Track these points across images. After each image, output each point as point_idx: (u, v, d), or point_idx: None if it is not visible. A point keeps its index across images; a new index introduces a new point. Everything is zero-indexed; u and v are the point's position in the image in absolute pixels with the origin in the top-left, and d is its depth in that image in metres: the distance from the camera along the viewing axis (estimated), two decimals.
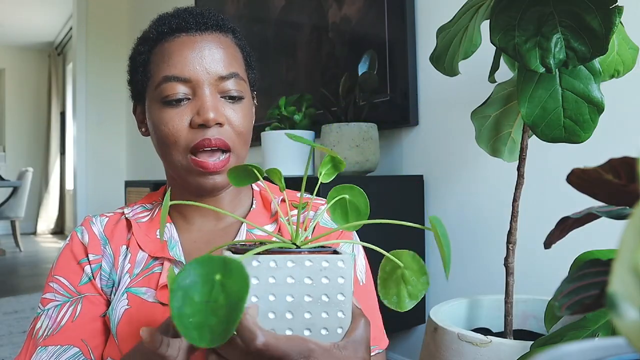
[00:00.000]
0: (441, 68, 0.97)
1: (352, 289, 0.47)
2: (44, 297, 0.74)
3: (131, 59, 0.77)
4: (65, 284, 0.74)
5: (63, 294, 0.73)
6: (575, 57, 0.72)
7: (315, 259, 0.46)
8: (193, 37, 0.71)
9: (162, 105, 0.71)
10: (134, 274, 0.73)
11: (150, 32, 0.75)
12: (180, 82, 0.69)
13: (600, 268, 0.34)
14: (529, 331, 1.05)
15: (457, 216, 1.49)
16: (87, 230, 0.77)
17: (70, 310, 0.72)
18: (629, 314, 0.16)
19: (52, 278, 0.75)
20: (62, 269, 0.75)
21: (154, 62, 0.73)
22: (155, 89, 0.71)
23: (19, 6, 5.76)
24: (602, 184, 0.31)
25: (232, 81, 0.72)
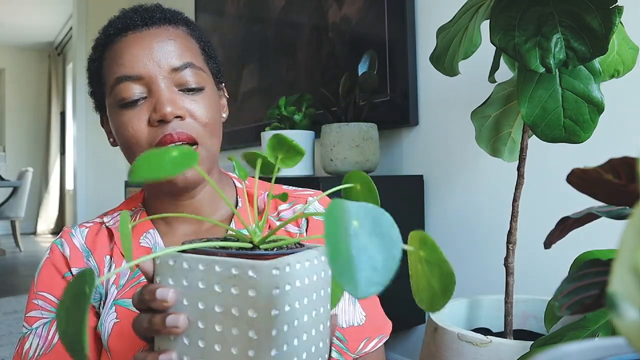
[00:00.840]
0: (441, 68, 0.97)
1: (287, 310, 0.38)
2: (29, 316, 0.70)
3: (87, 69, 0.75)
4: (52, 299, 0.70)
5: (50, 310, 0.70)
6: (575, 57, 0.72)
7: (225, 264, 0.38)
8: (140, 33, 0.69)
9: (120, 109, 0.68)
10: (120, 285, 0.70)
11: (100, 37, 0.72)
12: (132, 80, 0.67)
13: (600, 268, 0.34)
14: (529, 331, 1.05)
15: (457, 216, 1.49)
16: (68, 243, 0.73)
17: None
18: (629, 314, 0.16)
19: (35, 295, 0.71)
20: (45, 284, 0.71)
21: (106, 67, 0.70)
22: (111, 94, 0.69)
23: (19, 6, 5.76)
24: (602, 184, 0.32)
25: (188, 71, 0.68)
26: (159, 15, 0.71)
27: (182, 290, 0.40)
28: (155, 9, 0.72)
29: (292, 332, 0.39)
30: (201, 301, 0.40)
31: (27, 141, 7.46)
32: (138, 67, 0.66)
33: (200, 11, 2.85)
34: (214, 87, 0.74)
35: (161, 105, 0.65)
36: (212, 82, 0.74)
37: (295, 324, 0.39)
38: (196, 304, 0.40)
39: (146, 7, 0.72)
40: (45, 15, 6.14)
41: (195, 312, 0.40)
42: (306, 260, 0.40)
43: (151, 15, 0.70)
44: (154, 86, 0.67)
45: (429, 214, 1.56)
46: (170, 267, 0.41)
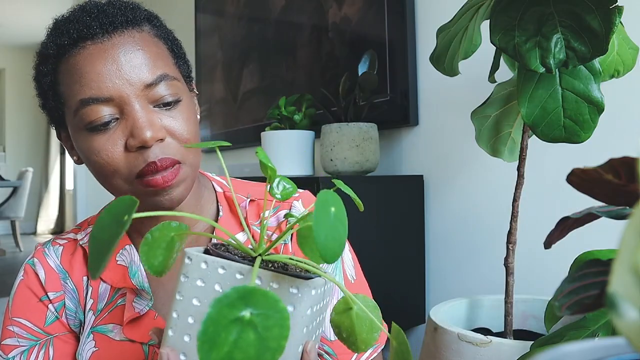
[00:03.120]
0: (441, 68, 0.97)
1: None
2: (4, 344, 0.66)
3: (36, 80, 0.65)
4: (29, 326, 0.66)
5: (28, 337, 0.65)
6: (575, 57, 0.72)
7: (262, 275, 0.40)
8: (101, 44, 0.59)
9: (88, 133, 0.60)
10: (98, 310, 0.66)
11: (49, 47, 0.62)
12: (101, 103, 0.58)
13: (600, 268, 0.34)
14: (529, 331, 1.05)
15: (457, 216, 1.49)
16: (42, 264, 0.68)
17: (42, 354, 0.64)
18: (629, 314, 0.16)
19: (10, 321, 0.66)
20: (20, 309, 0.66)
21: (64, 84, 0.61)
22: (75, 116, 0.60)
23: (19, 6, 5.76)
24: (602, 184, 0.32)
25: (162, 85, 0.61)
26: (120, 18, 0.61)
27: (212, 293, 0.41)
28: (113, 10, 0.62)
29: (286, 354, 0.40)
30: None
31: (27, 141, 7.47)
32: (106, 88, 0.58)
33: (200, 11, 2.85)
34: (188, 93, 0.67)
35: (139, 130, 0.58)
36: (186, 87, 0.67)
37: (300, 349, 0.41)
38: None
39: (101, 8, 0.62)
40: (45, 15, 6.13)
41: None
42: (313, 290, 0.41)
43: (111, 20, 0.61)
44: (127, 107, 0.59)
45: (429, 214, 1.56)
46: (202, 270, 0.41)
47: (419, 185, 1.55)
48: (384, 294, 1.48)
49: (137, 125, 0.58)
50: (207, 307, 0.39)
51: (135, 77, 0.59)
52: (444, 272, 1.53)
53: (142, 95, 0.60)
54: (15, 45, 7.28)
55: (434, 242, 1.56)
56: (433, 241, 1.56)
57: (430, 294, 1.56)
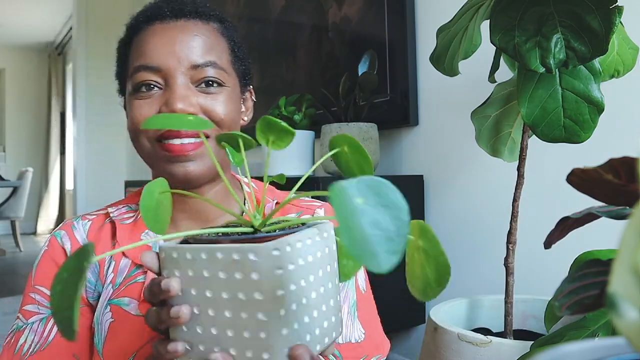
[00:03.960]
0: (441, 68, 0.97)
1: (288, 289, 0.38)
2: (25, 309, 0.69)
3: (117, 50, 0.75)
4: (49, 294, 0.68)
5: (47, 306, 0.68)
6: (575, 57, 0.72)
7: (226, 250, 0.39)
8: (167, 24, 0.67)
9: (134, 95, 0.67)
10: (116, 284, 0.68)
11: (131, 22, 0.72)
12: (150, 71, 0.66)
13: (600, 268, 0.34)
14: (529, 331, 1.05)
15: (457, 216, 1.49)
16: (69, 236, 0.71)
17: None
18: (629, 314, 0.16)
19: (32, 288, 0.69)
20: (43, 278, 0.69)
21: (131, 54, 0.70)
22: (129, 80, 0.68)
23: (19, 6, 5.76)
24: (602, 184, 0.32)
25: (209, 70, 0.67)
26: (189, 8, 0.69)
27: (189, 280, 0.41)
28: (188, 2, 0.70)
29: (301, 310, 0.39)
30: (208, 289, 0.40)
31: (27, 141, 7.46)
32: (158, 59, 0.65)
33: None
34: (236, 89, 0.72)
35: (173, 100, 0.64)
36: (236, 83, 0.72)
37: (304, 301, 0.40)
38: (204, 293, 0.40)
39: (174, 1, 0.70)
40: (45, 15, 6.13)
41: (204, 300, 0.41)
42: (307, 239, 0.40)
43: (181, 8, 0.69)
44: (171, 80, 0.65)
45: (429, 214, 1.56)
46: (174, 260, 0.42)
47: (419, 185, 1.55)
48: (384, 294, 1.48)
49: (173, 97, 0.64)
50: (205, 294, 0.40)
51: (185, 56, 0.65)
52: None
53: (187, 73, 0.66)
54: (15, 45, 7.28)
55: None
56: None
57: None
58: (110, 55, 3.70)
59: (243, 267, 0.38)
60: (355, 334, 0.71)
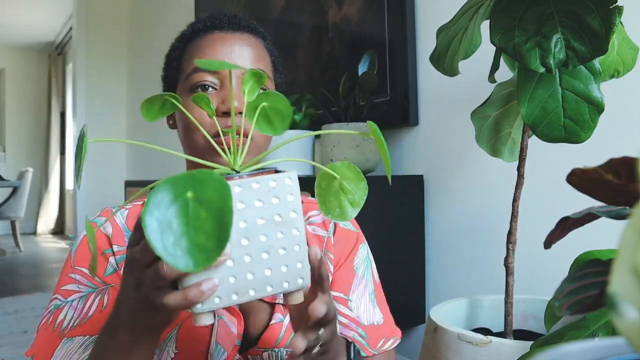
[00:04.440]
0: (441, 68, 0.97)
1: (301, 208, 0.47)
2: (64, 289, 0.72)
3: (167, 56, 0.81)
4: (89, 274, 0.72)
5: (87, 284, 0.72)
6: (575, 57, 0.72)
7: (262, 180, 0.45)
8: (225, 34, 0.76)
9: (190, 93, 0.74)
10: None
11: (187, 31, 0.80)
12: (208, 72, 0.73)
13: (600, 268, 0.34)
14: (529, 331, 1.05)
15: (457, 216, 1.49)
16: (110, 222, 0.76)
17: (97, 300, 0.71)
18: (629, 314, 0.16)
19: (72, 269, 0.73)
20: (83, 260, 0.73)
21: (187, 57, 0.77)
22: (186, 79, 0.75)
23: (19, 6, 5.76)
24: (602, 184, 0.31)
25: None
26: (244, 23, 0.78)
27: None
28: (241, 17, 0.80)
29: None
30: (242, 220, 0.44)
31: (27, 141, 7.46)
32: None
33: (200, 11, 2.85)
34: None
35: (229, 99, 0.71)
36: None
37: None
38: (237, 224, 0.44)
39: (233, 14, 0.80)
40: (45, 15, 6.13)
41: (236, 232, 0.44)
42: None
43: (237, 22, 0.78)
44: (226, 81, 0.73)
45: (429, 214, 1.56)
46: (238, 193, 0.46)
47: (419, 185, 1.55)
48: (384, 293, 1.48)
49: (228, 95, 0.72)
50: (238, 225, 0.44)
51: (240, 63, 0.75)
52: (444, 272, 1.53)
53: (241, 77, 0.73)
54: (15, 45, 7.28)
55: (434, 242, 1.56)
56: (433, 241, 1.56)
57: (430, 294, 1.56)
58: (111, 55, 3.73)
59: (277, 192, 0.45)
60: (377, 318, 0.81)
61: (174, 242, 0.34)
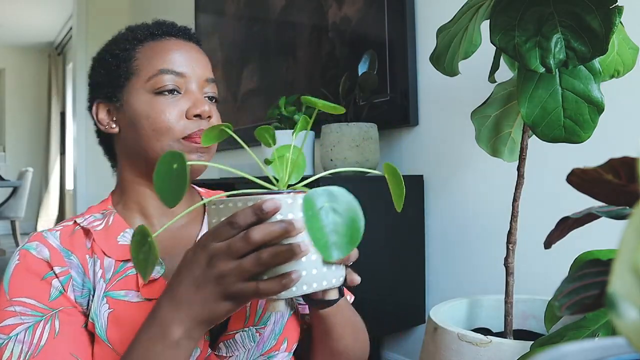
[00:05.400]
0: (441, 68, 0.97)
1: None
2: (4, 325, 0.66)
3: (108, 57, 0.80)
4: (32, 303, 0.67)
5: (32, 314, 0.67)
6: (575, 57, 0.72)
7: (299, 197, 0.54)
8: (183, 41, 0.80)
9: (154, 96, 0.75)
10: (107, 279, 0.71)
11: (137, 33, 0.80)
12: (175, 75, 0.75)
13: (600, 268, 0.34)
14: (529, 331, 1.05)
15: (457, 216, 1.49)
16: (45, 244, 0.71)
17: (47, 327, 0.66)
18: (629, 314, 0.16)
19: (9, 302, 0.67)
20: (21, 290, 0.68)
21: (143, 58, 0.77)
22: (147, 81, 0.75)
23: (19, 6, 5.76)
24: (602, 184, 0.32)
25: (213, 85, 0.81)
26: (192, 35, 0.83)
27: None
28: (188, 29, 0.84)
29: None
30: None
31: (27, 141, 7.46)
32: (184, 67, 0.76)
33: (200, 11, 2.85)
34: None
35: (202, 103, 0.75)
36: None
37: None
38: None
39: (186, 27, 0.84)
40: (45, 15, 6.13)
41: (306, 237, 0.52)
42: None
43: (188, 32, 0.82)
44: (190, 86, 0.77)
45: (429, 214, 1.56)
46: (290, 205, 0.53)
47: (419, 185, 1.55)
48: (384, 294, 1.48)
49: (200, 100, 0.76)
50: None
51: (201, 71, 0.78)
52: (444, 272, 1.53)
53: (202, 84, 0.78)
54: (15, 45, 7.28)
55: (434, 242, 1.56)
56: (433, 241, 1.56)
57: (430, 294, 1.56)
58: None
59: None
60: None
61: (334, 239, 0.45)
